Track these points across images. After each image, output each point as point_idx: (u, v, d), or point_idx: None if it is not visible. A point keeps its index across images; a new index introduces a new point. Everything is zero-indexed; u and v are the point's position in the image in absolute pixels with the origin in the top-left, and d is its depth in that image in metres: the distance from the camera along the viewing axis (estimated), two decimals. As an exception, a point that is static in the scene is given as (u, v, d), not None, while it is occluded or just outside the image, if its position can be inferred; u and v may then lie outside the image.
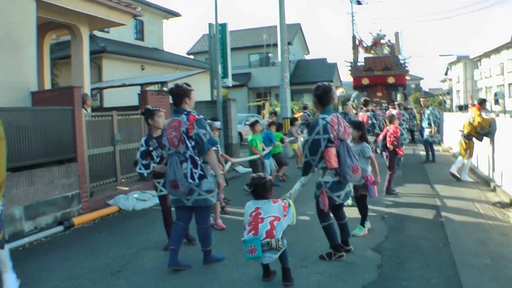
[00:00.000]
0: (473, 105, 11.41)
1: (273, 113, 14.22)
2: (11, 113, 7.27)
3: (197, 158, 4.91)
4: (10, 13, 8.69)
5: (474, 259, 5.15)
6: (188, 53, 37.97)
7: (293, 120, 14.04)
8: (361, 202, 6.40)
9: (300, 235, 6.27)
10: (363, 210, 6.39)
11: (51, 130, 7.81)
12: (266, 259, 4.32)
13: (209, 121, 7.44)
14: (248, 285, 4.53)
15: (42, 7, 9.43)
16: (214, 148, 6.96)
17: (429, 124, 13.45)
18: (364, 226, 6.35)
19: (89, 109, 10.01)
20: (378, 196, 8.32)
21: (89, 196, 8.44)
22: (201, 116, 5.05)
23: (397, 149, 9.18)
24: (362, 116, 11.39)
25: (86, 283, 4.91)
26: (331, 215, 5.32)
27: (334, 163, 4.93)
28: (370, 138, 11.11)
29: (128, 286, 4.79)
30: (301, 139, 13.29)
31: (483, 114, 10.25)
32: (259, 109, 32.32)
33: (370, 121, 11.23)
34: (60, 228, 7.34)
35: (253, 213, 4.40)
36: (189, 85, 5.20)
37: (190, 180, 4.86)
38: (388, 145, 9.21)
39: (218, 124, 7.82)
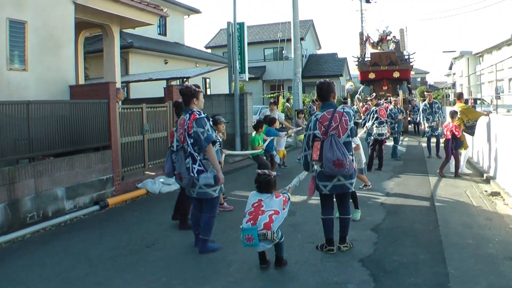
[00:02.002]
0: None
1: (273, 103, 13.88)
2: (55, 105, 7.88)
3: (196, 154, 5.12)
4: (51, 15, 9.25)
5: (459, 239, 5.60)
6: (206, 47, 38.35)
7: (299, 112, 14.26)
8: None
9: (308, 215, 6.79)
10: (353, 195, 6.46)
11: (89, 121, 8.35)
12: (261, 248, 4.53)
13: (217, 116, 7.89)
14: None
15: (79, 9, 9.93)
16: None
17: (438, 118, 13.13)
18: (358, 209, 6.64)
19: (120, 102, 10.56)
20: (378, 184, 8.85)
21: (121, 179, 9.00)
22: (203, 115, 5.18)
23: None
24: (381, 109, 11.57)
25: (126, 253, 5.46)
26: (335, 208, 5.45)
27: (315, 155, 5.06)
28: (385, 129, 11.40)
29: (163, 255, 5.31)
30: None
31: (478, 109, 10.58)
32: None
33: (388, 113, 11.53)
34: (96, 207, 7.88)
35: (255, 204, 4.59)
36: (198, 87, 5.40)
37: (191, 174, 5.13)
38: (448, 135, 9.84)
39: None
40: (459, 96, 10.50)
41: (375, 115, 11.33)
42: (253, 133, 10.04)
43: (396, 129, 13.10)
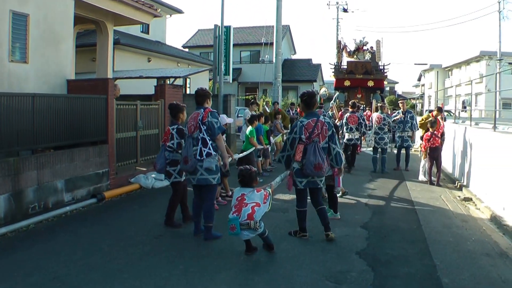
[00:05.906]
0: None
1: (253, 103, 14.36)
2: (58, 98, 8.13)
3: (209, 139, 5.80)
4: (52, 9, 9.37)
5: (441, 237, 6.28)
6: (184, 46, 38.41)
7: (276, 114, 14.33)
8: (329, 191, 7.22)
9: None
10: (334, 199, 7.17)
11: (89, 115, 8.57)
12: (245, 236, 5.10)
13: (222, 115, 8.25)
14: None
15: (77, 4, 10.03)
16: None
17: (410, 128, 12.50)
18: (336, 213, 7.09)
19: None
20: (359, 186, 9.40)
21: (115, 174, 9.24)
22: (215, 110, 6.03)
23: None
24: (352, 116, 12.19)
25: (136, 244, 5.75)
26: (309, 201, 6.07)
27: (298, 156, 5.78)
28: (356, 135, 12.06)
29: (173, 246, 5.65)
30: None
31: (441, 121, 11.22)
32: (247, 103, 33.22)
33: (358, 121, 12.09)
34: (93, 200, 8.10)
35: (239, 198, 5.17)
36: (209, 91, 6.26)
37: (198, 157, 5.72)
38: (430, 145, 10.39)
39: (229, 120, 8.34)
40: (438, 109, 11.51)
41: (345, 121, 12.07)
42: (249, 127, 10.51)
43: (387, 140, 12.35)
